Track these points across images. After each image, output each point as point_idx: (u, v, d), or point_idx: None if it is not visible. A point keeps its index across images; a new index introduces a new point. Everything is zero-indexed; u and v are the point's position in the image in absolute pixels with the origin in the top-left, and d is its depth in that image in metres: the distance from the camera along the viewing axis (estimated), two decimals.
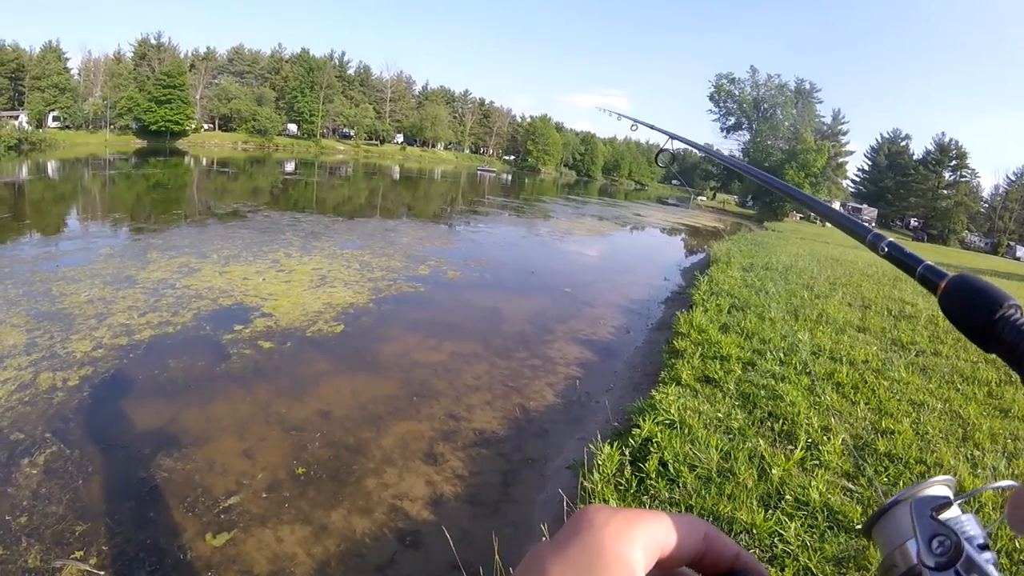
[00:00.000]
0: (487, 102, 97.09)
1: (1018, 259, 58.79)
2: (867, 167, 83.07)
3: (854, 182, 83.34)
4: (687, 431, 4.24)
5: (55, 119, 51.25)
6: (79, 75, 56.31)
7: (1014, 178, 71.73)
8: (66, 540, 3.41)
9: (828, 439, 4.22)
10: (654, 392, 5.11)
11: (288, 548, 3.53)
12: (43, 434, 4.44)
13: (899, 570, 0.38)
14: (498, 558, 3.29)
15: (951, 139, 71.52)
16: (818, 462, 3.91)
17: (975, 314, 0.47)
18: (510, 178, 71.57)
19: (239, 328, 7.02)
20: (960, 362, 6.73)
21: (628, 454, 3.97)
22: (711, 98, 72.18)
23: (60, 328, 6.47)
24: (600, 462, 3.89)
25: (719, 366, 5.77)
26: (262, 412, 5.13)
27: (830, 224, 0.88)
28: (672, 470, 3.71)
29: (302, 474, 4.28)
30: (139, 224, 14.26)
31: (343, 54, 78.15)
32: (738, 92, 69.97)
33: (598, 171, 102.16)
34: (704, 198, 77.68)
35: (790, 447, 4.14)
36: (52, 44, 52.13)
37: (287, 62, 72.30)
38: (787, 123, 65.19)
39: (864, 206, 69.77)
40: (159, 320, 7.03)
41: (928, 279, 0.56)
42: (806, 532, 3.13)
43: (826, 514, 3.31)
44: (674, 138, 2.23)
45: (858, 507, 3.37)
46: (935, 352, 7.14)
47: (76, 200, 19.92)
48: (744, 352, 6.33)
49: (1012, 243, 66.76)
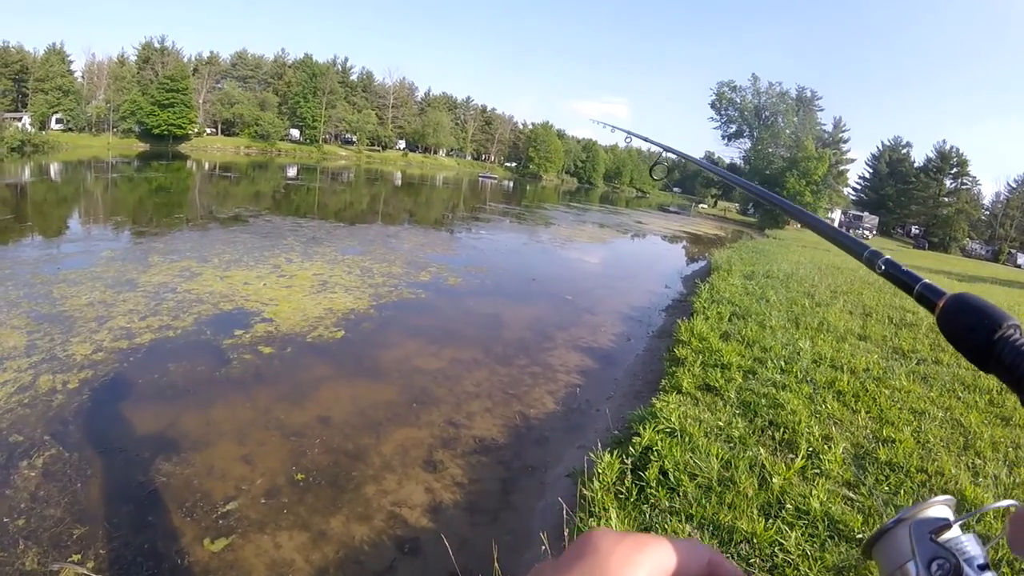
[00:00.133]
0: (489, 109, 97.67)
1: (1019, 267, 58.60)
2: (868, 175, 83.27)
3: (855, 190, 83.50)
4: (688, 439, 4.22)
5: (58, 121, 51.50)
6: (83, 78, 56.68)
7: (1015, 185, 71.87)
8: (64, 543, 3.40)
9: (829, 448, 4.21)
10: (655, 400, 5.09)
11: (286, 554, 3.52)
12: (42, 436, 4.44)
13: None
14: (497, 566, 3.27)
15: (952, 147, 71.89)
16: (819, 471, 3.89)
17: (974, 334, 0.46)
18: (512, 185, 71.69)
19: (239, 333, 7.02)
20: (961, 370, 6.70)
21: (628, 462, 3.95)
22: (712, 106, 72.38)
23: (60, 331, 6.48)
24: (600, 470, 3.87)
25: (720, 374, 5.75)
26: (262, 417, 5.13)
27: (826, 240, 0.86)
28: (672, 479, 3.69)
29: (301, 480, 4.27)
30: (141, 228, 14.30)
31: (346, 60, 78.89)
32: (739, 100, 70.13)
33: (600, 178, 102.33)
34: (705, 206, 77.67)
35: (791, 456, 4.12)
36: (56, 46, 52.52)
37: (290, 67, 72.74)
38: (788, 131, 65.24)
39: (865, 214, 69.77)
40: (159, 324, 7.04)
41: (926, 297, 0.55)
42: (807, 541, 3.12)
43: (827, 523, 3.29)
44: (668, 151, 2.23)
45: (859, 516, 3.35)
46: (936, 360, 7.11)
47: (78, 203, 19.99)
48: (745, 360, 6.32)
49: (1013, 251, 66.67)
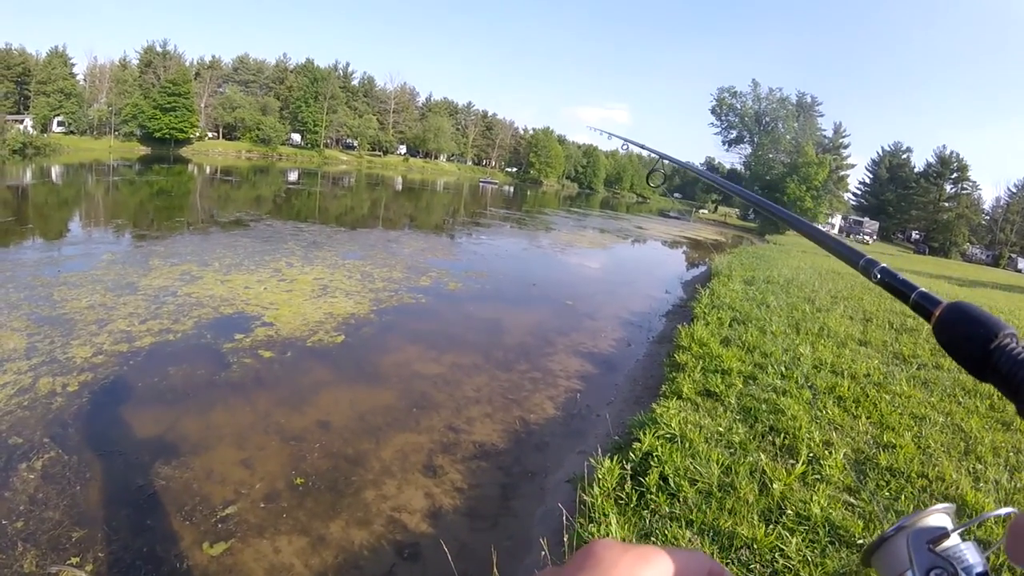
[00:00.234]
0: (490, 114, 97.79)
1: (1020, 271, 58.63)
2: (868, 180, 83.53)
3: (855, 195, 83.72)
4: (688, 445, 4.22)
5: (60, 124, 51.67)
6: (85, 81, 56.84)
7: (1015, 190, 71.94)
8: (62, 546, 3.39)
9: (830, 453, 4.20)
10: (655, 405, 5.09)
11: (285, 559, 3.51)
12: (41, 439, 4.43)
13: None
14: (497, 571, 3.26)
15: (952, 151, 72.03)
16: (820, 477, 3.88)
17: (970, 343, 0.46)
18: (512, 190, 71.80)
19: (240, 337, 7.02)
20: (962, 376, 6.69)
21: (628, 468, 3.95)
22: (713, 111, 72.74)
23: (60, 333, 6.48)
24: (600, 476, 3.86)
25: (720, 380, 5.75)
26: (261, 421, 5.12)
27: (823, 248, 0.84)
28: (673, 484, 3.69)
29: (300, 484, 4.26)
30: (141, 231, 14.33)
31: (347, 65, 79.02)
32: (740, 105, 70.45)
33: (600, 184, 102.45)
34: (706, 211, 77.83)
35: (791, 461, 4.11)
36: (58, 49, 52.63)
37: (291, 72, 72.97)
38: (788, 136, 65.52)
39: (865, 219, 69.95)
40: (160, 327, 7.04)
41: (922, 306, 0.55)
42: (807, 547, 3.11)
43: (827, 529, 3.28)
44: (664, 158, 2.23)
45: (860, 522, 3.34)
46: (937, 365, 7.11)
47: (79, 205, 20.03)
48: (745, 366, 6.31)
49: (1014, 255, 66.61)
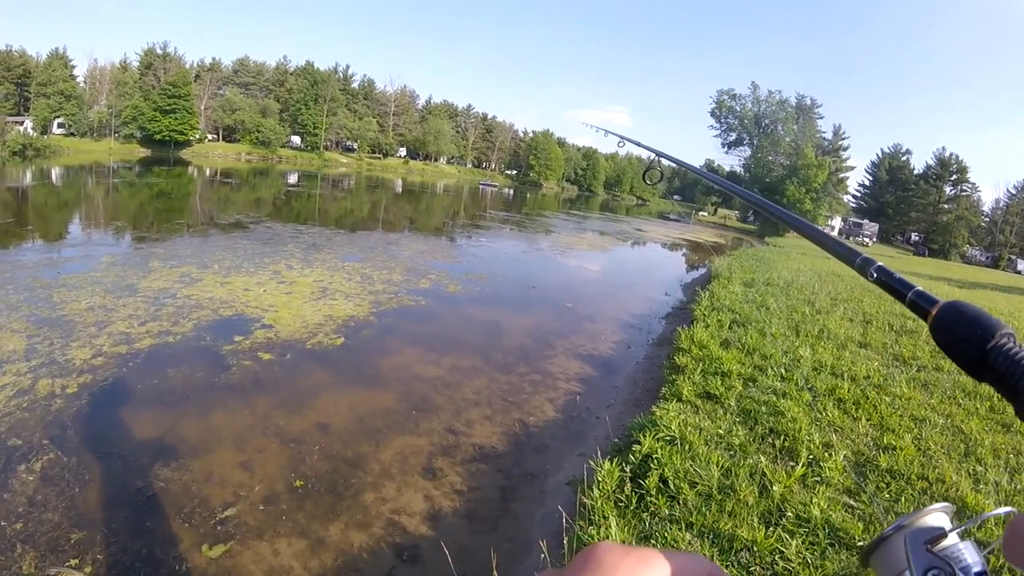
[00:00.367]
0: (490, 117, 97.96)
1: (1019, 273, 58.48)
2: (868, 182, 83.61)
3: (855, 197, 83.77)
4: (688, 447, 4.21)
5: (60, 126, 51.75)
6: (85, 83, 56.93)
7: (1015, 192, 71.96)
8: (61, 547, 3.38)
9: (830, 455, 4.20)
10: (655, 408, 5.09)
11: (284, 561, 3.50)
12: (40, 440, 4.43)
13: None
14: (496, 574, 3.26)
15: (952, 153, 72.18)
16: (820, 479, 3.88)
17: (967, 343, 0.45)
18: (512, 192, 71.89)
19: (239, 339, 7.02)
20: (962, 377, 6.69)
21: (628, 470, 3.94)
22: (712, 114, 72.73)
23: (60, 335, 6.48)
24: (600, 478, 3.86)
25: (720, 382, 5.74)
26: (261, 424, 5.12)
27: (820, 248, 0.82)
28: (672, 487, 3.68)
29: (300, 487, 4.25)
30: (141, 233, 14.33)
31: (347, 67, 79.17)
32: (739, 108, 70.48)
33: (600, 186, 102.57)
34: (705, 213, 77.87)
35: (791, 464, 4.11)
36: (58, 51, 52.77)
37: (292, 74, 73.11)
38: (788, 139, 65.53)
39: (865, 221, 69.93)
40: (159, 329, 7.03)
41: (918, 305, 0.54)
42: (807, 549, 3.10)
43: (827, 531, 3.28)
44: (660, 156, 2.22)
45: (860, 524, 3.34)
46: (937, 367, 7.10)
47: (79, 207, 20.04)
48: (745, 368, 6.31)
49: (1013, 257, 66.49)
